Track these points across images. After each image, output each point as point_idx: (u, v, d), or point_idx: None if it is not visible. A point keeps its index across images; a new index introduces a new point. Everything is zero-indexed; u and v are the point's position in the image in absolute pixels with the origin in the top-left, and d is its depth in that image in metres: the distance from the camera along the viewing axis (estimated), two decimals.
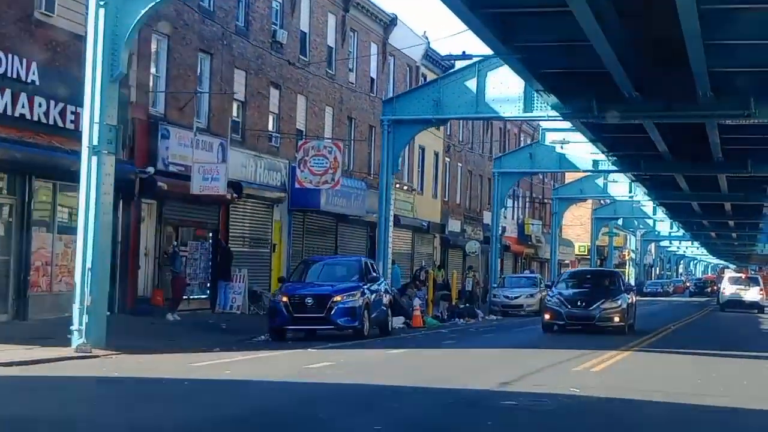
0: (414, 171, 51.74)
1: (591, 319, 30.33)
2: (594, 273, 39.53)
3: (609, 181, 60.75)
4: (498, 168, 50.56)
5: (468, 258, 60.06)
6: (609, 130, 41.54)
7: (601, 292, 31.26)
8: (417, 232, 51.69)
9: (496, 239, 50.26)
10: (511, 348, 24.42)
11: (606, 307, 30.43)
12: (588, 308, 30.39)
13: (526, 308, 45.28)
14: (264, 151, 36.23)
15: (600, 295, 30.94)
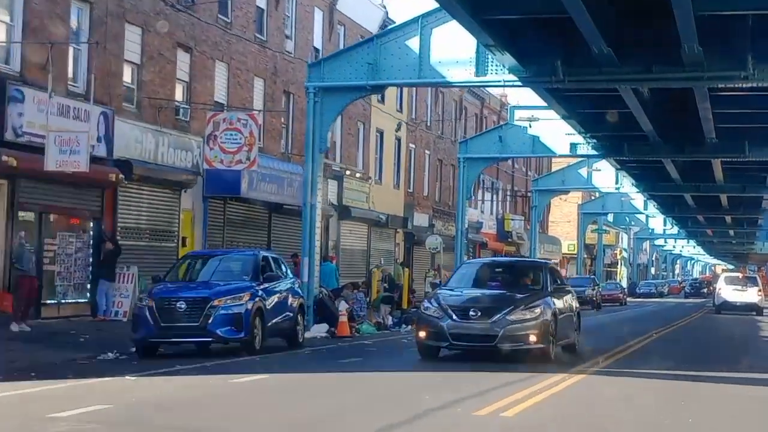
0: (370, 157, 45.60)
1: (490, 339, 18.80)
2: (507, 266, 24.28)
3: (593, 170, 54.58)
4: (464, 153, 44.37)
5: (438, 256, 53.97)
6: (584, 104, 35.41)
7: (509, 296, 19.85)
8: (374, 226, 45.56)
9: (462, 234, 44.08)
10: (421, 372, 18.14)
11: (516, 318, 18.98)
12: (486, 321, 18.85)
13: None
14: (169, 125, 30.11)
15: (507, 301, 19.50)
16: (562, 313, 20.42)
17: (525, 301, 19.50)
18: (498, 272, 22.25)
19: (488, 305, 19.33)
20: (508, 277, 21.63)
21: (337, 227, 41.95)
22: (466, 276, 21.93)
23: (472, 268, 23.10)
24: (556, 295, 20.38)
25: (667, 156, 43.00)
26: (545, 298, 19.85)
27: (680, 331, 34.83)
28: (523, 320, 19.06)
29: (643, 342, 26.49)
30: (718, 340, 29.98)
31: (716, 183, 52.90)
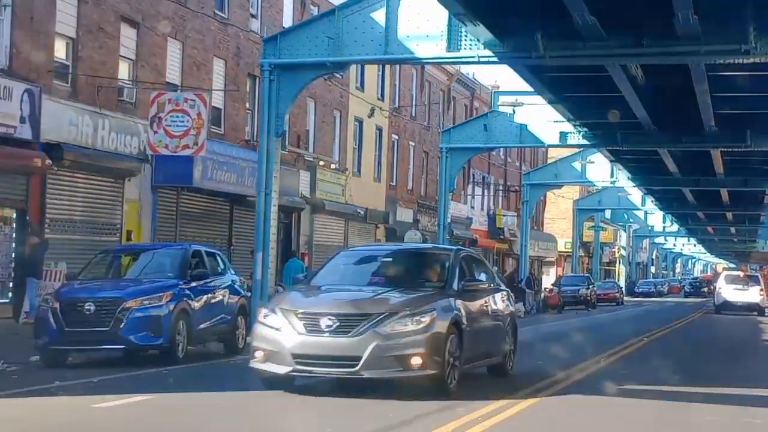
0: (348, 148, 42.61)
1: (350, 362, 12.94)
2: (398, 255, 16.68)
3: (587, 162, 51.55)
4: (446, 143, 41.32)
5: None
6: (572, 88, 32.40)
7: (385, 299, 13.74)
8: (352, 220, 42.57)
9: (444, 228, 41.05)
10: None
11: (391, 331, 13.01)
12: (346, 335, 12.95)
13: None
14: (111, 107, 27.13)
15: (381, 305, 13.42)
16: (477, 323, 14.43)
17: (409, 306, 13.23)
18: (385, 264, 15.41)
19: (351, 312, 13.09)
20: (398, 271, 15.05)
21: (310, 221, 39.00)
22: (341, 268, 15.39)
23: (351, 258, 16.23)
24: (466, 297, 14.18)
25: (664, 146, 39.98)
26: (441, 301, 13.59)
27: (675, 334, 31.81)
28: (403, 334, 12.91)
29: (638, 344, 23.43)
30: (715, 346, 26.95)
31: (716, 176, 49.88)
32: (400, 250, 17.82)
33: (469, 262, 15.63)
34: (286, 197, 36.07)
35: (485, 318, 14.99)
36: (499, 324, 15.57)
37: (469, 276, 14.99)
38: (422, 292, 14.05)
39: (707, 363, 20.38)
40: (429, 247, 21.15)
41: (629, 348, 23.26)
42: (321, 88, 39.51)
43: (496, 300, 15.65)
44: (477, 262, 16.30)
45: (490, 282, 16.06)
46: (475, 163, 60.23)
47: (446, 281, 14.42)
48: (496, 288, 16.18)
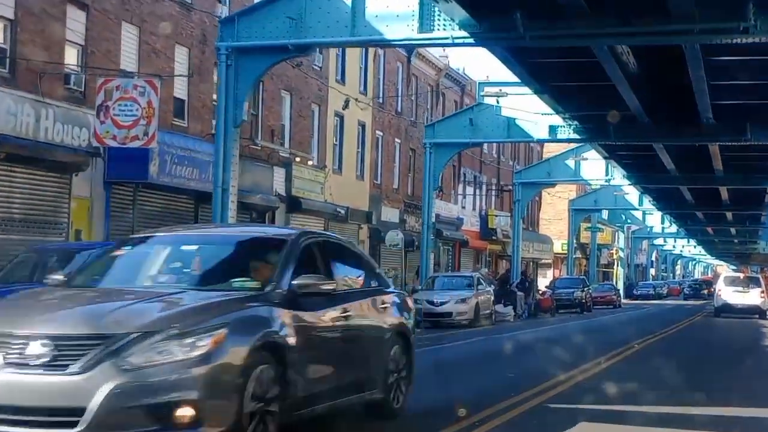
0: (327, 144, 40.32)
1: (67, 416, 7.74)
2: (211, 241, 10.89)
3: (580, 159, 49.29)
4: (430, 138, 39.14)
5: (412, 253, 48.82)
6: (558, 76, 30.22)
7: (145, 308, 8.58)
8: (332, 220, 40.27)
9: (428, 228, 38.81)
10: None
11: (145, 364, 7.92)
12: (62, 372, 7.86)
13: (455, 317, 33.93)
14: (57, 96, 24.86)
15: (137, 318, 8.31)
16: (326, 343, 9.78)
17: (179, 320, 8.28)
18: (187, 254, 10.32)
19: (76, 331, 8.07)
20: (205, 264, 10.15)
21: (286, 221, 36.71)
22: (122, 259, 10.34)
23: (143, 246, 10.62)
24: (302, 303, 9.39)
25: (659, 140, 37.79)
26: (245, 312, 8.79)
27: (670, 339, 29.49)
28: (163, 368, 7.93)
29: (614, 360, 21.04)
30: (712, 355, 24.59)
31: (715, 174, 47.68)
32: (214, 236, 11.34)
33: (325, 251, 10.42)
34: (259, 195, 33.91)
35: (345, 334, 10.09)
36: (376, 343, 10.72)
37: (321, 271, 9.93)
38: (215, 297, 8.87)
39: (702, 376, 18.05)
40: (257, 231, 12.56)
41: (615, 358, 20.92)
42: (297, 81, 37.28)
43: (370, 308, 10.78)
44: (341, 253, 11.08)
45: (369, 280, 11.22)
46: (465, 162, 57.99)
47: (272, 279, 9.35)
48: (374, 290, 11.11)
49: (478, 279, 36.29)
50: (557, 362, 18.56)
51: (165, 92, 29.30)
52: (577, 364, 18.23)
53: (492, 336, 29.66)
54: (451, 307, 33.84)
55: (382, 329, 10.94)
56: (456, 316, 33.86)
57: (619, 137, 37.20)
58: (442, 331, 32.44)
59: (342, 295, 10.18)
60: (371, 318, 10.85)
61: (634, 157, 45.51)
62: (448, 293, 34.60)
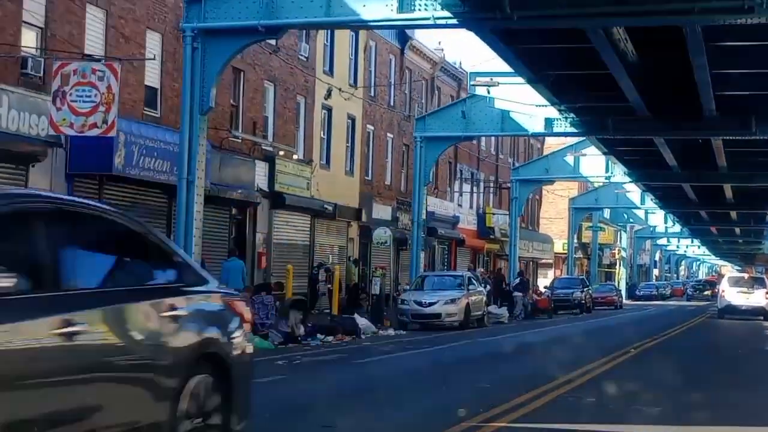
0: (314, 138, 38.52)
1: None
2: None
3: (578, 154, 47.49)
4: (421, 131, 37.39)
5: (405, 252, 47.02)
6: (553, 63, 28.38)
7: None
8: (319, 217, 38.50)
9: (419, 226, 37.06)
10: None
11: None
12: None
13: (444, 318, 32.17)
14: (12, 81, 23.10)
15: None
16: (24, 381, 5.66)
17: None
18: None
19: None
20: None
21: (269, 217, 34.95)
22: None
23: None
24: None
25: (660, 134, 35.95)
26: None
27: (669, 343, 27.68)
28: None
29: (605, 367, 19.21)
30: (712, 361, 22.77)
31: (718, 171, 45.85)
32: None
33: (54, 227, 6.36)
34: (239, 190, 32.19)
35: (64, 362, 5.99)
36: (146, 374, 6.72)
37: (31, 257, 6.10)
38: None
39: (704, 386, 16.22)
40: None
41: (607, 365, 19.14)
42: (282, 71, 35.53)
43: (138, 318, 6.84)
44: (91, 229, 6.91)
45: (153, 273, 7.43)
46: (462, 158, 56.22)
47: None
48: (155, 290, 7.22)
49: (469, 278, 34.52)
50: (541, 369, 16.83)
51: (135, 80, 27.62)
52: (563, 372, 16.43)
53: (480, 339, 27.89)
54: (439, 308, 32.08)
55: (163, 351, 6.90)
56: (445, 317, 32.11)
57: (618, 131, 35.41)
58: (429, 333, 30.71)
59: (71, 299, 6.23)
60: (137, 333, 6.79)
61: (635, 152, 43.71)
62: (437, 293, 32.85)
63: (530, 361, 20.61)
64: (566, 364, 18.05)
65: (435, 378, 16.91)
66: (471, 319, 33.28)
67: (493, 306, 40.09)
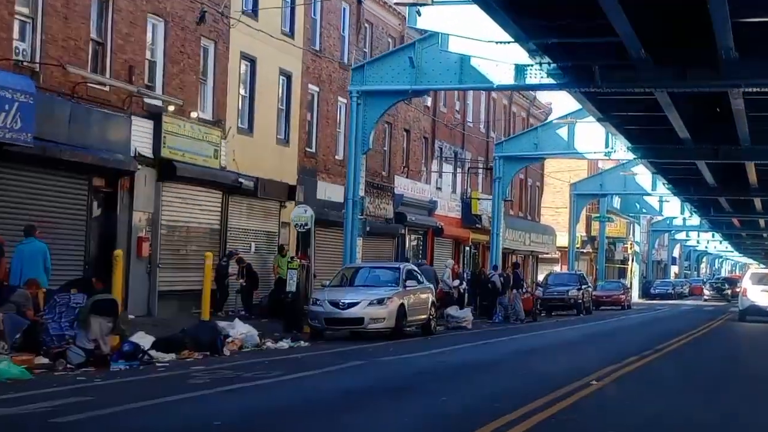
0: (229, 96, 30.21)
1: None
2: None
3: (570, 121, 39.08)
4: (358, 84, 29.13)
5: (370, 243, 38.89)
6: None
7: None
8: (235, 194, 30.28)
9: (354, 205, 28.83)
10: None
11: None
12: None
13: (368, 324, 23.85)
14: None
15: None
16: None
17: None
18: None
19: None
20: None
21: (155, 191, 26.75)
22: None
23: None
24: None
25: (661, 85, 27.38)
26: None
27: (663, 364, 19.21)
28: None
29: (547, 412, 10.92)
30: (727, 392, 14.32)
31: (740, 145, 37.36)
32: None
33: None
34: (104, 154, 24.03)
35: None
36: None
37: None
38: None
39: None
40: None
41: (555, 406, 10.83)
42: (177, 4, 27.32)
43: None
44: None
45: None
46: (442, 134, 47.88)
47: None
48: None
49: (409, 272, 26.06)
50: (457, 411, 8.63)
51: None
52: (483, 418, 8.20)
53: (400, 356, 19.57)
54: (361, 310, 23.75)
55: None
56: (369, 323, 23.79)
57: (607, 81, 26.97)
58: (346, 344, 22.50)
59: None
60: None
61: (636, 119, 35.22)
62: (361, 292, 24.56)
63: (423, 402, 12.41)
64: (500, 400, 9.87)
65: None
66: (407, 325, 25.01)
67: (453, 308, 31.77)
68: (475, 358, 20.25)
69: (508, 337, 27.46)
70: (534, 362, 18.84)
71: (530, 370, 17.26)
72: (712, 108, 33.78)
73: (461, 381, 15.35)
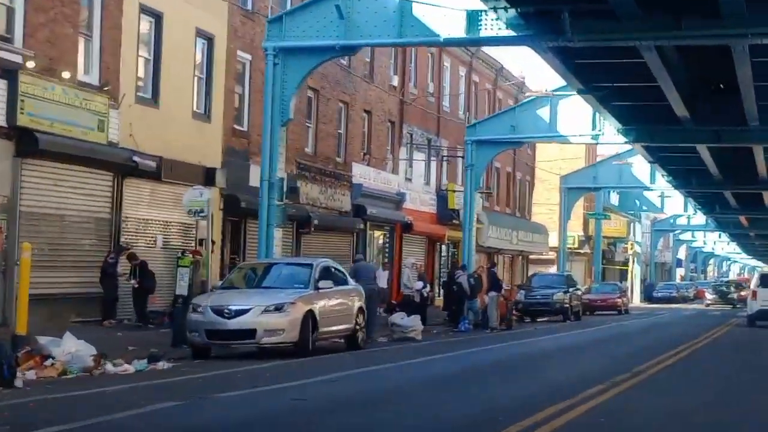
0: (127, 57, 24.51)
1: None
2: None
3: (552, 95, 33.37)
4: (276, 40, 23.36)
5: (311, 236, 33.56)
6: None
7: None
8: (131, 175, 24.60)
9: (271, 187, 23.11)
10: None
11: None
12: None
13: (262, 337, 18.11)
14: None
15: None
16: None
17: None
18: None
19: None
20: None
21: (13, 169, 21.09)
22: None
23: None
24: None
25: (650, 37, 21.58)
26: None
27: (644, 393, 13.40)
28: None
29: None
30: None
31: (748, 126, 31.62)
32: None
33: None
34: None
35: None
36: None
37: None
38: None
39: None
40: None
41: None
42: None
43: None
44: None
45: None
46: (413, 118, 42.17)
47: None
48: None
49: (325, 270, 20.22)
50: None
51: None
52: None
53: (248, 392, 13.73)
54: (253, 319, 17.99)
55: None
56: (263, 336, 18.03)
57: (581, 34, 21.26)
58: (224, 366, 16.81)
59: None
60: None
61: (625, 93, 29.51)
62: (256, 295, 18.83)
63: None
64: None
65: None
66: (322, 337, 19.31)
67: (399, 315, 26.03)
68: (374, 387, 14.61)
69: (456, 351, 21.75)
70: (441, 397, 13.13)
71: (425, 410, 11.58)
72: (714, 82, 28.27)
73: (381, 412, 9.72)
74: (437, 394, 13.62)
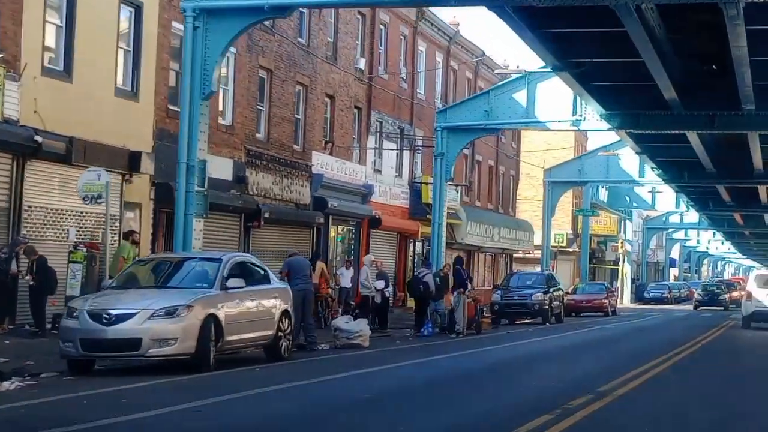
0: (29, 25, 21.13)
1: None
2: None
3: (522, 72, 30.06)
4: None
5: (261, 230, 30.38)
6: None
7: None
8: (34, 158, 21.24)
9: (190, 170, 19.80)
10: None
11: None
12: None
13: (149, 348, 14.69)
14: None
15: None
16: None
17: None
18: None
19: None
20: None
21: None
22: None
23: None
24: None
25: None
26: None
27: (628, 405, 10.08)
28: None
29: None
30: None
31: (742, 111, 28.36)
32: None
33: None
34: None
35: None
36: None
37: None
38: None
39: None
40: None
41: None
42: None
43: None
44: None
45: None
46: (381, 104, 38.83)
47: None
48: None
49: (237, 267, 16.81)
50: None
51: None
52: None
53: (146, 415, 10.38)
54: (137, 327, 14.60)
55: None
56: (151, 347, 14.63)
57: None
58: (93, 384, 13.44)
59: None
60: None
61: (607, 71, 26.22)
62: (144, 297, 15.45)
63: None
64: None
65: None
66: (229, 347, 15.97)
67: (344, 318, 22.64)
68: (272, 412, 11.29)
69: (398, 363, 18.40)
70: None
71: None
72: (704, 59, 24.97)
73: None
74: (351, 418, 10.29)
